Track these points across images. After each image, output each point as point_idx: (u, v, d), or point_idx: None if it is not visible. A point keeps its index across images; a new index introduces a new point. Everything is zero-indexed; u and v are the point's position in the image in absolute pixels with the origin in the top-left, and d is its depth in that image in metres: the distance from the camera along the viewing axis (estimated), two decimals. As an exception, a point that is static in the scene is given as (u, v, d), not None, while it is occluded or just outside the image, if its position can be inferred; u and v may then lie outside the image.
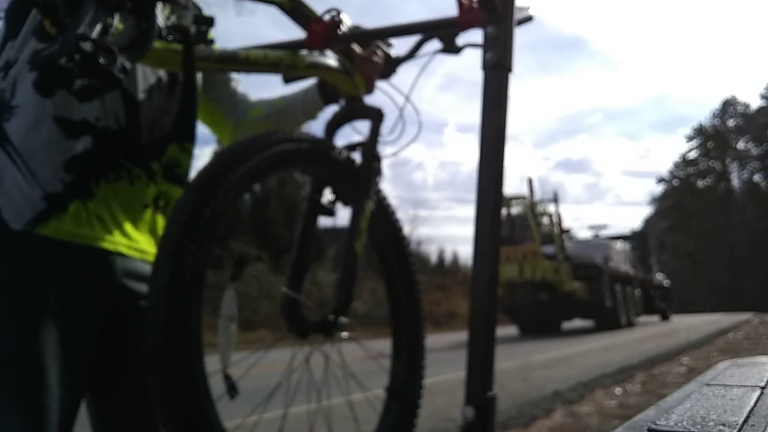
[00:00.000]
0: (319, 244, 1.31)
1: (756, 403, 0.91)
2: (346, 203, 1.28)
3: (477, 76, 1.43)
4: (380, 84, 1.43)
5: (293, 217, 24.57)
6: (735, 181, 52.83)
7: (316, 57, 1.29)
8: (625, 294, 16.61)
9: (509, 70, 1.07)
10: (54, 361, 1.05)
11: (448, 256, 31.91)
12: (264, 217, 23.78)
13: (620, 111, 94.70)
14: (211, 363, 0.99)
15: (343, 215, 1.29)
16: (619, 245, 17.92)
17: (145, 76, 1.22)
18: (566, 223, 17.23)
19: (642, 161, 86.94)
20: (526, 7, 1.28)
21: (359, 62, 1.37)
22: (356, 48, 1.38)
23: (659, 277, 21.16)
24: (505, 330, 15.81)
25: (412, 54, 1.44)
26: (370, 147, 1.30)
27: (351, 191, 1.26)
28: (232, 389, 1.10)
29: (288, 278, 1.21)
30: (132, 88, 1.18)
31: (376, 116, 1.33)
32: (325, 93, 1.45)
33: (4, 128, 1.08)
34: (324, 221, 1.30)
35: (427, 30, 1.34)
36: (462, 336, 1.24)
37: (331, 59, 1.33)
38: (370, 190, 1.27)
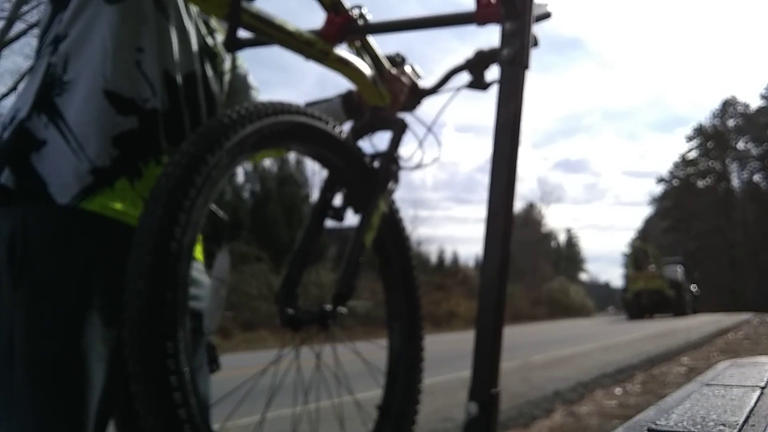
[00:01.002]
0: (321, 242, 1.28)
1: (756, 403, 0.91)
2: (357, 210, 1.25)
3: (475, 77, 1.42)
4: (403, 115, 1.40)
5: (293, 217, 24.53)
6: (735, 182, 52.83)
7: (350, 54, 1.28)
8: (686, 297, 27.90)
9: (526, 66, 1.06)
10: (97, 358, 1.03)
11: (448, 256, 31.89)
12: (264, 217, 23.77)
13: (618, 111, 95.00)
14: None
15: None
16: (679, 268, 29.23)
17: (183, 64, 1.21)
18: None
19: (641, 161, 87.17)
20: (544, 3, 1.27)
21: (387, 77, 1.36)
22: (386, 64, 1.37)
23: (692, 287, 31.83)
24: (619, 316, 31.09)
25: (438, 87, 1.42)
26: (390, 152, 1.27)
27: (364, 197, 1.23)
28: (213, 362, 1.04)
29: (287, 271, 1.18)
30: (172, 70, 1.18)
31: (399, 126, 1.30)
32: (349, 106, 1.43)
33: (56, 103, 1.07)
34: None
35: (443, 24, 1.31)
36: (462, 336, 1.22)
37: (362, 64, 1.31)
38: (386, 190, 1.25)
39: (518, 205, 49.70)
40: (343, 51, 1.26)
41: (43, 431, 0.99)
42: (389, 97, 1.37)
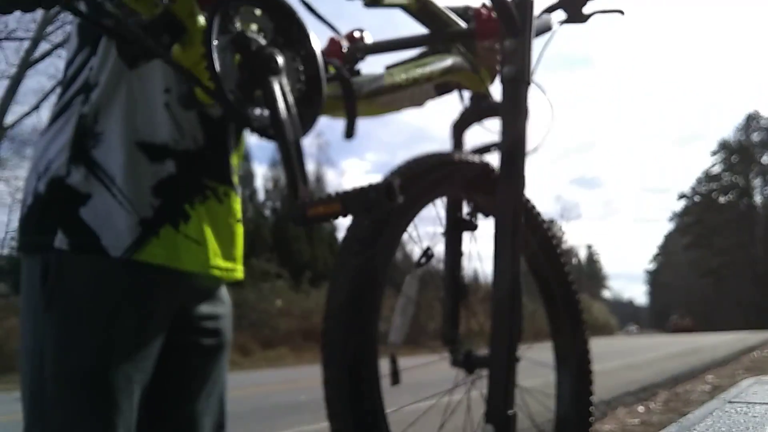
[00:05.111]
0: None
1: (778, 420, 0.91)
2: (486, 214, 1.19)
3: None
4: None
5: (313, 234, 24.47)
6: (757, 197, 52.07)
7: (445, 61, 1.24)
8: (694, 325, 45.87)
9: (528, 83, 1.04)
10: (126, 381, 1.04)
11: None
12: (285, 235, 23.83)
13: (632, 126, 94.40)
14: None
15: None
16: (688, 317, 49.26)
17: None
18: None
19: (656, 177, 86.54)
20: (546, 20, 1.25)
21: (483, 54, 1.28)
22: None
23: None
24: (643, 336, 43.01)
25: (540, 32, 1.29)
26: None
27: (490, 200, 1.15)
28: (394, 375, 1.04)
29: (444, 309, 1.16)
30: (209, 107, 1.15)
31: None
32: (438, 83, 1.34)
33: (92, 155, 1.05)
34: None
35: (445, 41, 1.31)
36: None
37: (454, 58, 1.26)
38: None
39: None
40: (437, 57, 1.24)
41: None
42: (488, 77, 1.29)
